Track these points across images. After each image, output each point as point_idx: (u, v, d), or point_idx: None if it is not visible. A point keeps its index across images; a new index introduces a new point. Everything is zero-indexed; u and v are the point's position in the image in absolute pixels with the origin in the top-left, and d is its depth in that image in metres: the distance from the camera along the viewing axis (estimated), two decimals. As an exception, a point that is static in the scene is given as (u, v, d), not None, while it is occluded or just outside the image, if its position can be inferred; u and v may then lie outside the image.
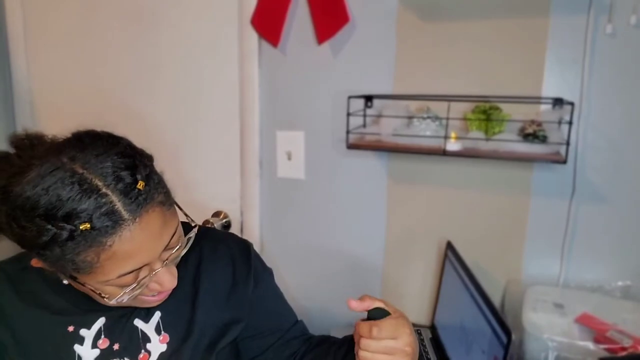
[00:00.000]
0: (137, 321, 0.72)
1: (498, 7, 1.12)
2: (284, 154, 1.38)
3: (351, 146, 1.19)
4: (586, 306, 1.03)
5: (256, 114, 1.37)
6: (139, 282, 0.61)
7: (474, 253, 1.19)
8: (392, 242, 1.32)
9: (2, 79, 1.59)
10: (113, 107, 1.51)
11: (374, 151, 1.26)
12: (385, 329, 0.63)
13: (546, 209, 1.16)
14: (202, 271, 0.77)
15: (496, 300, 1.22)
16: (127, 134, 0.75)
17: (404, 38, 1.21)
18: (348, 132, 1.18)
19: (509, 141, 1.06)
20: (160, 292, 0.67)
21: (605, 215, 1.12)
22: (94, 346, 0.69)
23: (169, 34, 1.42)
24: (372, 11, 1.22)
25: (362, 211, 1.33)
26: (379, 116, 1.19)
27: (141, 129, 1.46)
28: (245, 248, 0.83)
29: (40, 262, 0.61)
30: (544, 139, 1.03)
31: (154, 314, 0.73)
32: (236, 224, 1.45)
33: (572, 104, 1.01)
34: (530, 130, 1.04)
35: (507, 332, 0.85)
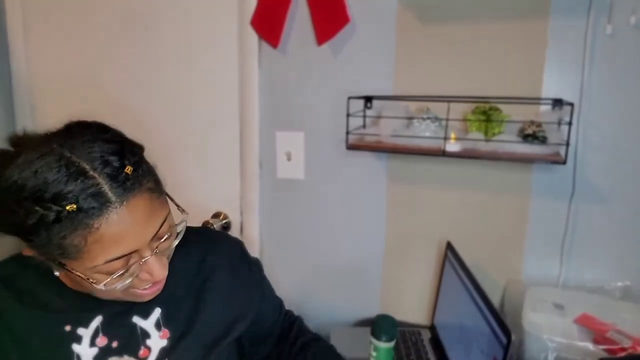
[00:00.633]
0: (135, 318, 0.71)
1: (498, 8, 1.12)
2: (284, 154, 1.38)
3: (351, 147, 1.19)
4: (586, 307, 1.03)
5: (256, 115, 1.37)
6: (129, 270, 0.60)
7: (473, 253, 1.19)
8: (391, 242, 1.32)
9: (2, 79, 1.59)
10: (113, 107, 1.51)
11: (374, 152, 1.26)
12: None
13: (546, 210, 1.16)
14: (205, 268, 0.78)
15: (496, 301, 1.22)
16: (127, 133, 0.75)
17: (403, 39, 1.21)
18: (348, 132, 1.18)
19: (508, 142, 1.06)
20: (153, 285, 0.66)
21: (605, 216, 1.12)
22: (92, 344, 0.68)
23: (169, 35, 1.42)
24: (372, 12, 1.22)
25: (362, 212, 1.33)
26: (378, 117, 1.19)
27: (141, 129, 1.45)
28: (238, 243, 0.86)
29: (30, 250, 0.61)
30: (543, 140, 1.03)
31: (153, 310, 0.72)
32: (236, 225, 1.45)
33: (571, 104, 1.01)
34: (529, 131, 1.04)
35: (506, 332, 0.85)
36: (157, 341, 0.71)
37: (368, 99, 1.24)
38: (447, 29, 1.17)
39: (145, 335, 0.71)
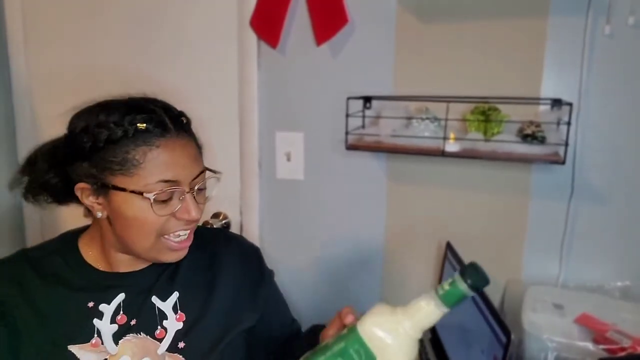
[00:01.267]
0: (154, 299, 0.75)
1: (497, 8, 1.12)
2: (283, 154, 1.38)
3: (350, 147, 1.19)
4: (586, 306, 1.03)
5: (255, 115, 1.37)
6: (171, 199, 0.68)
7: (473, 253, 1.18)
8: (391, 242, 1.32)
9: (2, 79, 1.59)
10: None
11: (373, 152, 1.26)
12: None
13: (545, 210, 1.16)
14: (218, 262, 0.82)
15: (496, 301, 1.22)
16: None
17: (402, 39, 1.21)
18: (347, 133, 1.18)
19: (507, 142, 1.06)
20: (184, 241, 0.71)
21: (604, 216, 1.12)
22: (113, 321, 0.72)
23: (168, 35, 1.42)
24: (371, 12, 1.22)
25: (362, 212, 1.33)
26: (377, 117, 1.19)
27: (141, 129, 1.46)
28: (255, 249, 0.89)
29: (85, 183, 0.68)
30: (542, 140, 1.03)
31: (172, 293, 0.76)
32: (235, 225, 1.45)
33: (570, 104, 1.02)
34: (528, 131, 1.04)
35: (506, 332, 0.85)
36: (174, 323, 0.74)
37: (367, 99, 1.24)
38: (446, 29, 1.17)
39: (163, 317, 0.74)
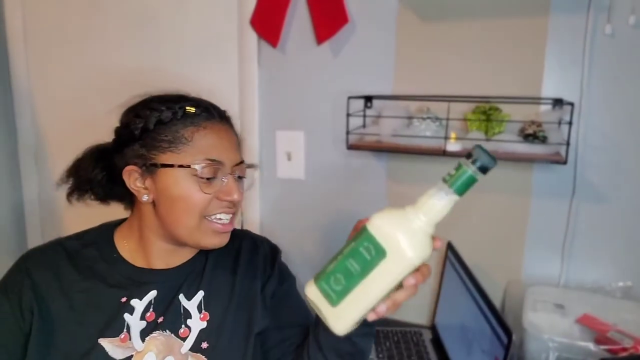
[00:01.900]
0: (181, 297, 0.76)
1: (498, 7, 1.12)
2: (284, 154, 1.38)
3: (351, 147, 1.19)
4: (587, 307, 1.02)
5: (256, 114, 1.37)
6: (215, 178, 0.71)
7: (474, 253, 1.18)
8: (392, 242, 1.32)
9: (2, 79, 1.59)
10: (113, 107, 1.51)
11: (374, 152, 1.26)
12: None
13: (546, 210, 1.15)
14: (240, 263, 0.82)
15: (497, 301, 1.22)
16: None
17: (403, 38, 1.21)
18: (348, 132, 1.18)
19: (509, 142, 1.06)
20: (226, 224, 0.74)
21: (605, 216, 1.12)
22: (142, 318, 0.73)
23: (169, 34, 1.42)
24: (371, 11, 1.22)
25: (362, 212, 1.33)
26: (378, 117, 1.19)
27: (141, 129, 1.46)
28: (274, 252, 0.88)
29: (134, 165, 0.71)
30: (544, 140, 1.03)
31: (197, 292, 0.77)
32: (236, 224, 1.44)
33: (572, 104, 1.01)
34: (530, 131, 1.04)
35: (507, 332, 0.85)
36: (197, 322, 0.75)
37: (368, 99, 1.23)
38: (447, 28, 1.17)
39: (187, 315, 0.75)
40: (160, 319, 0.73)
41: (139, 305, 0.74)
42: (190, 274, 0.78)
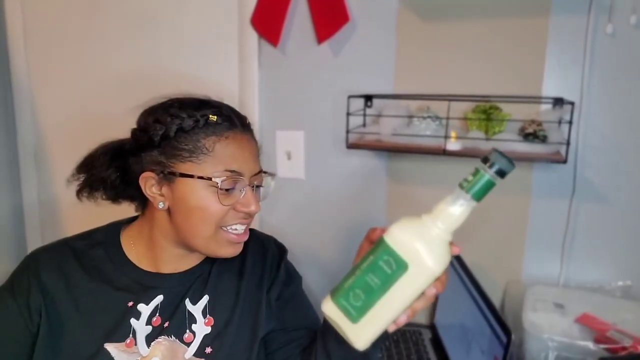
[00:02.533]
0: (187, 302, 0.75)
1: (498, 7, 1.12)
2: (284, 153, 1.38)
3: (351, 146, 1.19)
4: (586, 306, 1.03)
5: (256, 114, 1.36)
6: (234, 189, 0.70)
7: (474, 253, 1.19)
8: (392, 242, 1.32)
9: (2, 79, 1.58)
10: (113, 108, 1.51)
11: (374, 151, 1.26)
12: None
13: (546, 209, 1.15)
14: (245, 265, 0.81)
15: (496, 301, 1.22)
16: (127, 133, 0.75)
17: (404, 37, 1.21)
18: (348, 131, 1.18)
19: (509, 141, 1.05)
20: (241, 235, 0.73)
21: (605, 215, 1.12)
22: (148, 323, 0.73)
23: (169, 34, 1.42)
24: (372, 10, 1.22)
25: (362, 211, 1.33)
26: (379, 116, 1.19)
27: (141, 128, 1.46)
28: (280, 251, 0.88)
29: (151, 172, 0.69)
30: (544, 139, 1.03)
31: (202, 297, 0.76)
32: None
33: (572, 103, 1.01)
34: (530, 130, 1.04)
35: (507, 332, 0.85)
36: (202, 328, 0.74)
37: (368, 98, 1.23)
38: (448, 28, 1.17)
39: (192, 320, 0.74)
40: (166, 324, 0.73)
41: (145, 310, 0.73)
42: (197, 279, 0.78)
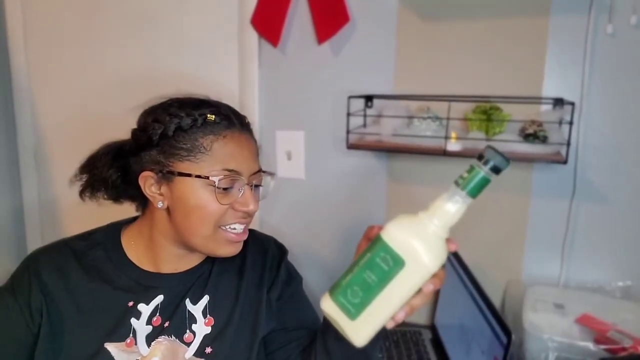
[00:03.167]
0: (187, 302, 0.75)
1: (498, 7, 1.12)
2: (284, 153, 1.38)
3: (351, 146, 1.19)
4: (587, 306, 1.02)
5: (256, 114, 1.36)
6: (232, 188, 0.70)
7: (474, 253, 1.18)
8: (392, 242, 1.32)
9: (2, 79, 1.58)
10: (113, 108, 1.51)
11: (374, 151, 1.26)
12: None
13: (546, 209, 1.15)
14: (245, 265, 0.81)
15: (496, 301, 1.22)
16: (127, 133, 0.75)
17: (404, 38, 1.21)
18: (348, 132, 1.18)
19: (509, 141, 1.05)
20: (240, 234, 0.73)
21: (605, 215, 1.12)
22: (148, 322, 0.73)
23: (169, 34, 1.42)
24: (372, 11, 1.22)
25: (362, 211, 1.33)
26: (379, 116, 1.19)
27: (141, 129, 1.46)
28: (280, 252, 0.88)
29: (150, 171, 0.70)
30: (544, 139, 1.03)
31: (203, 297, 0.76)
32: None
33: (572, 104, 1.01)
34: (530, 131, 1.04)
35: (507, 332, 0.85)
36: (202, 327, 0.74)
37: (368, 98, 1.23)
38: (448, 28, 1.17)
39: (192, 320, 0.75)
40: (167, 324, 0.73)
41: (145, 309, 0.73)
42: (197, 279, 0.78)
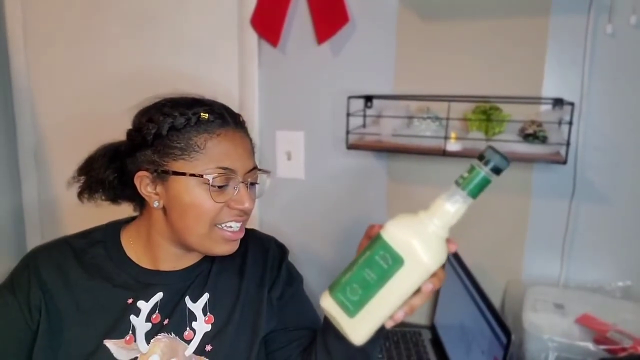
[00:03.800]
0: (187, 299, 0.76)
1: (498, 7, 1.12)
2: (284, 154, 1.38)
3: (351, 146, 1.19)
4: (586, 306, 1.02)
5: (256, 114, 1.36)
6: (227, 186, 0.70)
7: (474, 253, 1.18)
8: (392, 242, 1.32)
9: (2, 79, 1.58)
10: (112, 107, 1.51)
11: (374, 151, 1.26)
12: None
13: (546, 209, 1.15)
14: (246, 264, 0.82)
15: (496, 301, 1.22)
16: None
17: (404, 38, 1.21)
18: (348, 132, 1.18)
19: (509, 141, 1.05)
20: (237, 232, 0.73)
21: (605, 215, 1.12)
22: (148, 320, 0.73)
23: (169, 34, 1.42)
24: (372, 11, 1.22)
25: (362, 211, 1.33)
26: (379, 116, 1.19)
27: (141, 129, 1.46)
28: (281, 252, 0.88)
29: (145, 171, 0.70)
30: (544, 140, 1.03)
31: (203, 295, 0.77)
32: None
33: (572, 104, 1.01)
34: (530, 131, 1.04)
35: (507, 332, 0.85)
36: (202, 325, 0.74)
37: (368, 99, 1.23)
38: (448, 28, 1.17)
39: (192, 318, 0.75)
40: (166, 321, 0.73)
41: (145, 307, 0.73)
42: (197, 277, 0.78)
